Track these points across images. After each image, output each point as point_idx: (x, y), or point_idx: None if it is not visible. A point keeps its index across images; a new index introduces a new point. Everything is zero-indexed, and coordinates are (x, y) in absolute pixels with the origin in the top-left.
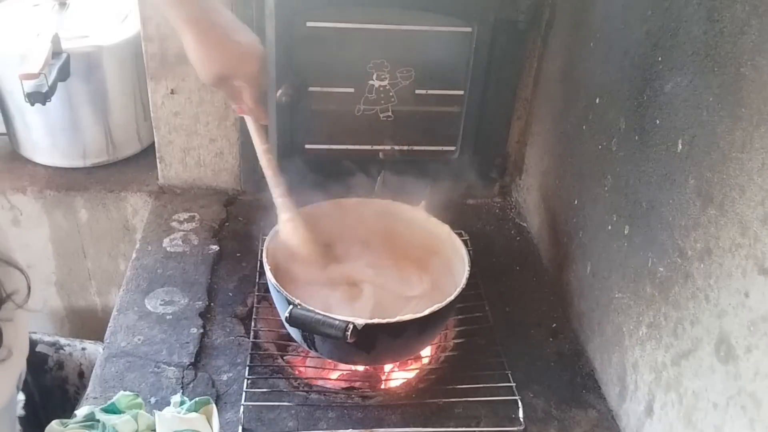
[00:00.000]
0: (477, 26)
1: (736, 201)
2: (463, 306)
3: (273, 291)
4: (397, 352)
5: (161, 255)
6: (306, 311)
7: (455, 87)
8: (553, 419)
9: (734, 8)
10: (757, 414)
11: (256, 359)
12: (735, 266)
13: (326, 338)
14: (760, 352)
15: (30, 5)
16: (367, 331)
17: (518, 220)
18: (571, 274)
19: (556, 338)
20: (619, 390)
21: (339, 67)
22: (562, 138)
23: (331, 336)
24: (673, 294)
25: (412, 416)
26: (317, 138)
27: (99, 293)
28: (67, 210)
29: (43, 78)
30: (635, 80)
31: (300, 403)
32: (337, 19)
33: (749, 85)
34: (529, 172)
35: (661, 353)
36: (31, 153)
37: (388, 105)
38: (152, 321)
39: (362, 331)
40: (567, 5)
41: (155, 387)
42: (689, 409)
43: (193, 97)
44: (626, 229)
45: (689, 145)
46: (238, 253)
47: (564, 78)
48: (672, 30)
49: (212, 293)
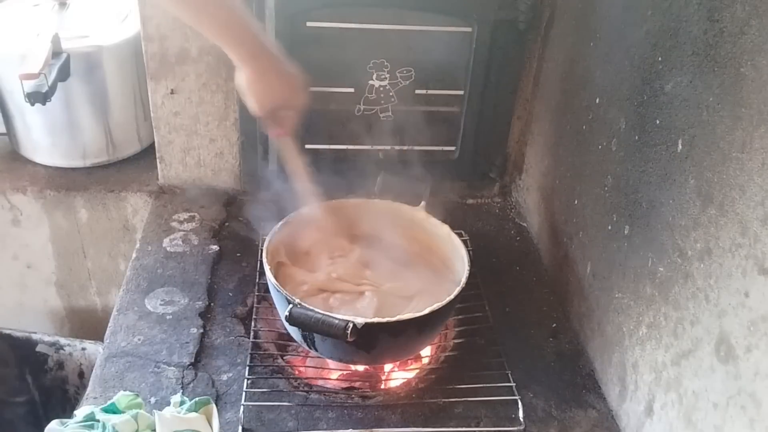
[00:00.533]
0: (477, 26)
1: (736, 201)
2: (463, 306)
3: (273, 291)
4: (397, 352)
5: (161, 255)
6: (306, 310)
7: (455, 87)
8: (553, 419)
9: (734, 8)
10: (757, 414)
11: (256, 359)
12: (735, 266)
13: (326, 338)
14: (760, 352)
15: (30, 5)
16: (367, 331)
17: (518, 220)
18: (571, 274)
19: (556, 338)
20: (619, 390)
21: (339, 67)
22: (562, 138)
23: (331, 335)
24: (673, 294)
25: (412, 416)
26: (317, 138)
27: (99, 293)
28: (67, 210)
29: (43, 78)
30: (635, 80)
31: (300, 403)
32: (336, 19)
33: (749, 85)
34: (529, 172)
35: (661, 353)
36: (31, 153)
37: (388, 105)
38: (152, 321)
39: (362, 330)
40: (567, 5)
41: (155, 387)
42: (689, 409)
43: (193, 97)
44: (626, 229)
45: (689, 145)
46: (238, 253)
47: (564, 78)
48: (672, 30)
49: (212, 293)
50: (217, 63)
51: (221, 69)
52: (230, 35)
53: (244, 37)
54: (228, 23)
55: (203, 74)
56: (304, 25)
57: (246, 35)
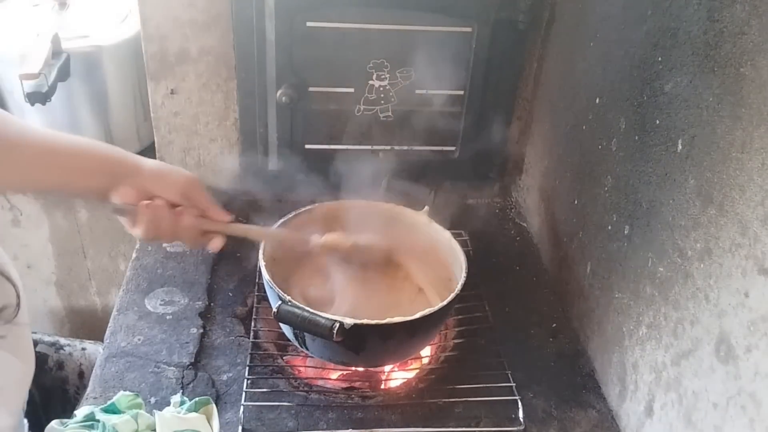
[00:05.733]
0: (477, 26)
1: (736, 201)
2: (463, 306)
3: (267, 288)
4: (387, 355)
5: (161, 255)
6: (294, 308)
7: (455, 87)
8: (553, 419)
9: (734, 8)
10: (757, 414)
11: (256, 359)
12: (735, 266)
13: (315, 337)
14: (760, 352)
15: (30, 5)
16: (356, 332)
17: (518, 220)
18: (571, 274)
19: (556, 338)
20: (619, 390)
21: (339, 67)
22: (562, 138)
23: (317, 334)
24: (673, 294)
25: (412, 416)
26: (317, 138)
27: (99, 293)
28: (67, 210)
29: (43, 78)
30: (635, 80)
31: (300, 403)
32: (337, 19)
33: (749, 85)
34: (529, 172)
35: (661, 353)
36: None
37: (388, 105)
38: (152, 321)
39: (350, 331)
40: (567, 5)
41: (155, 387)
42: (689, 409)
43: (193, 97)
44: (626, 229)
45: (689, 145)
46: (238, 253)
47: (564, 78)
48: (672, 30)
49: (212, 293)
50: (217, 63)
51: (221, 69)
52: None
53: None
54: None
55: (203, 74)
56: (304, 25)
57: None
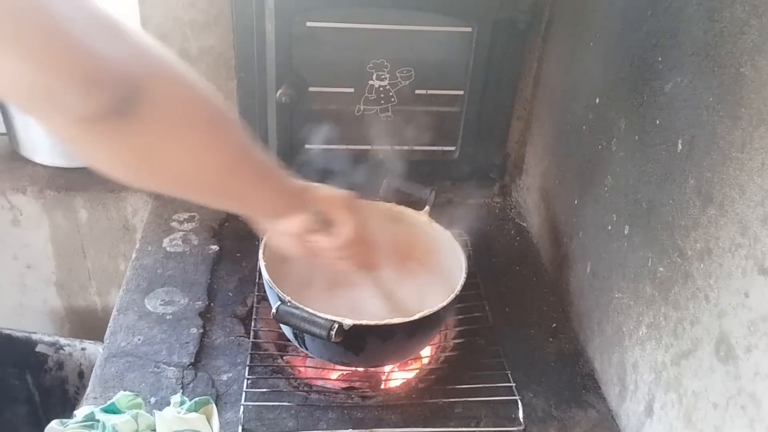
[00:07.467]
0: (477, 26)
1: (736, 201)
2: (463, 306)
3: (267, 288)
4: (387, 355)
5: (161, 255)
6: (293, 308)
7: (455, 87)
8: (553, 419)
9: (734, 8)
10: (757, 414)
11: (256, 359)
12: (735, 266)
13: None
14: (760, 352)
15: None
16: (355, 333)
17: (518, 220)
18: (571, 274)
19: (556, 338)
20: (619, 390)
21: (339, 67)
22: (562, 138)
23: (316, 335)
24: (673, 294)
25: (412, 416)
26: (317, 138)
27: (99, 293)
28: (67, 210)
29: None
30: (635, 80)
31: (300, 403)
32: (336, 19)
33: (749, 85)
34: (529, 172)
35: (661, 353)
36: (31, 153)
37: (388, 105)
38: (152, 321)
39: (350, 332)
40: (567, 5)
41: (155, 387)
42: (689, 409)
43: None
44: (626, 229)
45: (689, 145)
46: (238, 253)
47: (564, 78)
48: (672, 30)
49: (212, 293)
50: (216, 63)
51: (221, 69)
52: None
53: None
54: None
55: (203, 74)
56: (304, 25)
57: None
